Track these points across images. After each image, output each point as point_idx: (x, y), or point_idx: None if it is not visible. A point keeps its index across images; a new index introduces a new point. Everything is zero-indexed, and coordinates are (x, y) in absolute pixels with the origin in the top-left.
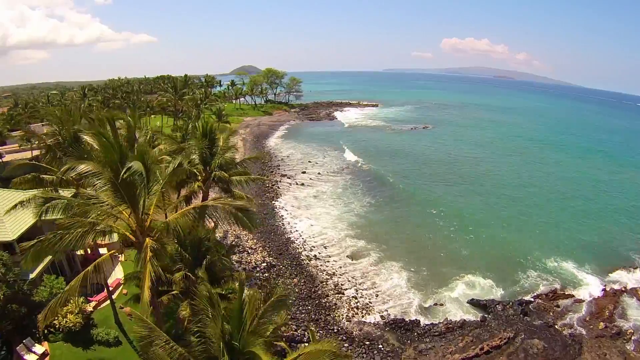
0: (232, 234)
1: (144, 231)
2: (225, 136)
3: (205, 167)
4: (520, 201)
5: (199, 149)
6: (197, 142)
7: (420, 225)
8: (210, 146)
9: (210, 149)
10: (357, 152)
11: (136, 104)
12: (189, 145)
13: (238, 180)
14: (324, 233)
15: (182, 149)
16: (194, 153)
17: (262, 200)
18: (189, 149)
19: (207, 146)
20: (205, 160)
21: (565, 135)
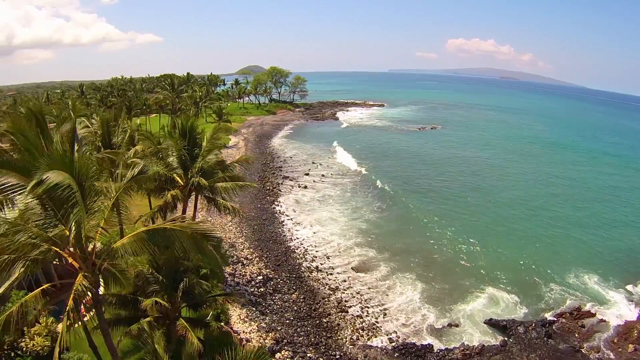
0: (226, 242)
1: (87, 259)
2: (209, 135)
3: (185, 172)
4: (536, 208)
5: (176, 150)
6: (175, 142)
7: (432, 233)
8: (191, 147)
9: (190, 151)
10: (363, 153)
11: (132, 102)
12: (167, 146)
13: (224, 187)
14: (327, 241)
15: (159, 151)
16: (171, 155)
17: (261, 205)
18: (165, 150)
19: (186, 147)
20: (184, 164)
21: (575, 136)
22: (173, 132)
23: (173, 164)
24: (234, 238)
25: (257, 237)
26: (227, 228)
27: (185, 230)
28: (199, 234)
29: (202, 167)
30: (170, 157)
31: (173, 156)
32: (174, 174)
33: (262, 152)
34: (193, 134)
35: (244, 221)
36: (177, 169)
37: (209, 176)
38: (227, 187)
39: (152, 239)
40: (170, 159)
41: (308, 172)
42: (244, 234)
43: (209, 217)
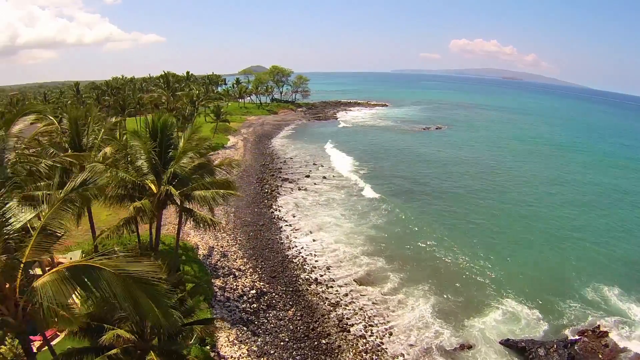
0: (218, 251)
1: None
2: (187, 135)
3: (159, 179)
4: (548, 213)
5: (144, 153)
6: (142, 143)
7: (442, 239)
8: (163, 149)
9: (163, 153)
10: (367, 154)
11: (126, 101)
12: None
13: (202, 196)
14: (328, 250)
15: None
16: (139, 158)
17: (258, 209)
18: (133, 153)
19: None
20: (155, 168)
21: (582, 137)
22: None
23: (143, 168)
24: (226, 246)
25: (252, 245)
26: (219, 236)
27: (114, 272)
28: (133, 277)
29: (175, 173)
30: (139, 161)
31: (142, 159)
32: (146, 180)
33: (262, 153)
34: (166, 134)
35: (238, 227)
36: (149, 175)
37: (186, 183)
38: (207, 195)
39: (77, 278)
40: (139, 163)
41: (309, 174)
42: (237, 242)
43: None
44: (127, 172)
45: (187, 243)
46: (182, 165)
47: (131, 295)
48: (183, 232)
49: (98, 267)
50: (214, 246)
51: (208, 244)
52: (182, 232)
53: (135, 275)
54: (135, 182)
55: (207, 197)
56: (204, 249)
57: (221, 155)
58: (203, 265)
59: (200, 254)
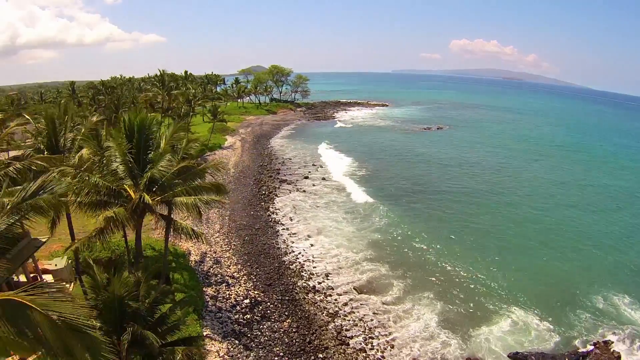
0: (210, 257)
1: None
2: (169, 135)
3: (137, 184)
4: (555, 218)
5: (120, 155)
6: (116, 144)
7: (446, 245)
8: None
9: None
10: (367, 155)
11: (120, 100)
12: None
13: (183, 202)
14: (326, 255)
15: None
16: (114, 161)
17: (255, 212)
18: (109, 156)
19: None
20: (132, 172)
21: (586, 138)
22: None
23: (119, 172)
24: (220, 252)
25: (247, 251)
26: (213, 240)
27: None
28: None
29: (153, 177)
30: (113, 164)
31: (117, 162)
32: (124, 185)
33: (260, 154)
34: (144, 134)
35: (233, 231)
36: (126, 180)
37: (167, 188)
38: (189, 202)
39: (7, 314)
40: (114, 166)
41: (308, 175)
42: (232, 247)
43: (195, 226)
44: (102, 176)
45: (178, 249)
46: (161, 169)
47: (63, 342)
48: (174, 237)
49: (24, 304)
50: (206, 252)
51: (201, 249)
52: (173, 237)
53: (64, 318)
54: (110, 187)
55: (190, 205)
56: (196, 254)
57: (218, 156)
58: (194, 272)
59: (192, 260)
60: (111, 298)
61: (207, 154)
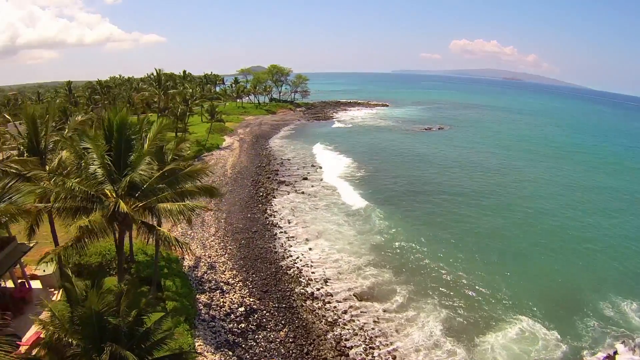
0: (205, 262)
1: None
2: (152, 135)
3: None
4: (560, 221)
5: (98, 157)
6: (94, 145)
7: (449, 249)
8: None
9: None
10: (368, 156)
11: (116, 100)
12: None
13: (167, 209)
14: (326, 260)
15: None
16: (92, 164)
17: (252, 214)
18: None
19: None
20: (111, 176)
21: (588, 138)
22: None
23: (98, 176)
24: (214, 257)
25: (243, 255)
26: (207, 244)
27: None
28: None
29: (133, 182)
30: (91, 167)
31: (95, 165)
32: (105, 189)
33: (258, 154)
34: (124, 134)
35: (229, 234)
36: (105, 184)
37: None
38: (173, 209)
39: None
40: (92, 169)
41: (307, 177)
42: (227, 251)
43: (190, 229)
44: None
45: (171, 254)
46: (141, 172)
47: None
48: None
49: None
50: (201, 256)
51: (195, 253)
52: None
53: None
54: (88, 192)
55: (174, 211)
56: (189, 260)
57: (215, 157)
58: (187, 279)
59: (186, 265)
60: (88, 314)
61: (205, 154)
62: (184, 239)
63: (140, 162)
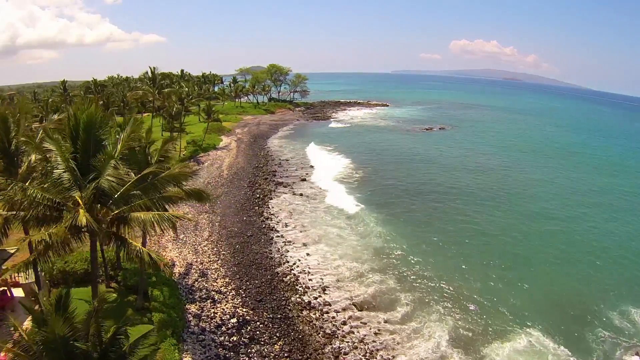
0: (196, 269)
1: None
2: (127, 134)
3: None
4: (566, 225)
5: (62, 160)
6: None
7: (453, 255)
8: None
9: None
10: (368, 157)
11: (110, 99)
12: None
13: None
14: (324, 266)
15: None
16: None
17: (247, 217)
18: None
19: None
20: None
21: (591, 139)
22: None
23: (64, 182)
24: (207, 263)
25: (237, 261)
26: (200, 249)
27: None
28: None
29: (101, 188)
30: (56, 172)
31: (59, 170)
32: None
33: (256, 154)
34: (92, 134)
35: (223, 239)
36: (73, 190)
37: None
38: (147, 220)
39: None
40: (57, 174)
41: (305, 178)
42: (221, 257)
43: (182, 233)
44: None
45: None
46: (109, 178)
47: None
48: (159, 245)
49: None
50: (192, 263)
51: (186, 259)
52: (157, 246)
53: None
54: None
55: (148, 221)
56: (180, 266)
57: (212, 157)
58: (177, 287)
59: (176, 272)
60: (51, 338)
61: (201, 155)
62: (175, 244)
63: (106, 166)
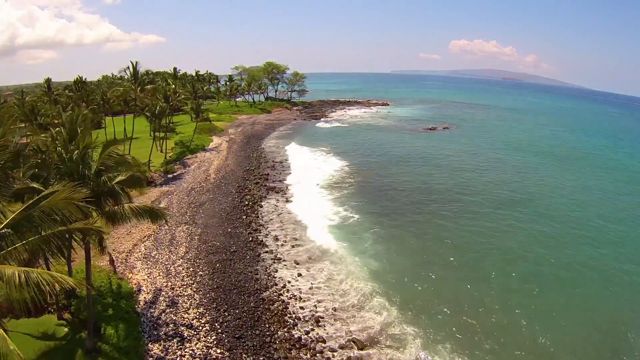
0: (166, 296)
1: None
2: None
3: None
4: (596, 235)
5: None
6: None
7: (467, 277)
8: None
9: None
10: (368, 159)
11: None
12: None
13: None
14: (319, 291)
15: None
16: None
17: (232, 229)
18: None
19: None
20: None
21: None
22: None
23: None
24: (179, 288)
25: (215, 284)
26: (173, 269)
27: None
28: None
29: None
30: None
31: None
32: None
33: (248, 156)
34: None
35: (202, 256)
36: None
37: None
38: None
39: None
40: None
41: (300, 182)
42: (197, 279)
43: (155, 250)
44: None
45: (123, 284)
46: None
47: None
48: (126, 264)
49: None
50: (162, 288)
51: (155, 283)
52: (124, 266)
53: None
54: None
55: (13, 285)
56: (147, 291)
57: (199, 159)
58: (138, 322)
59: (142, 300)
60: None
61: (188, 157)
62: (146, 263)
63: None
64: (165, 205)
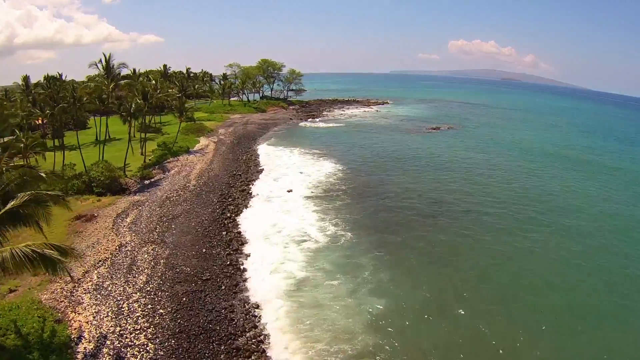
0: (111, 346)
1: None
2: None
3: None
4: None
5: None
6: None
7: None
8: None
9: None
10: (368, 162)
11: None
12: None
13: None
14: (307, 336)
15: None
16: None
17: (208, 248)
18: None
19: None
20: None
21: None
22: None
23: None
24: (130, 334)
25: (178, 327)
26: (126, 307)
27: None
28: None
29: None
30: None
31: None
32: None
33: (237, 159)
34: None
35: (166, 287)
36: None
37: None
38: None
39: None
40: None
41: (292, 189)
42: (155, 320)
43: (110, 278)
44: None
45: (60, 329)
46: None
47: None
48: (71, 297)
49: None
50: (107, 334)
51: (101, 327)
52: (70, 298)
53: None
54: None
55: None
56: (88, 339)
57: (181, 163)
58: None
59: (80, 353)
60: None
61: (169, 160)
62: (95, 297)
63: None
64: (132, 219)
